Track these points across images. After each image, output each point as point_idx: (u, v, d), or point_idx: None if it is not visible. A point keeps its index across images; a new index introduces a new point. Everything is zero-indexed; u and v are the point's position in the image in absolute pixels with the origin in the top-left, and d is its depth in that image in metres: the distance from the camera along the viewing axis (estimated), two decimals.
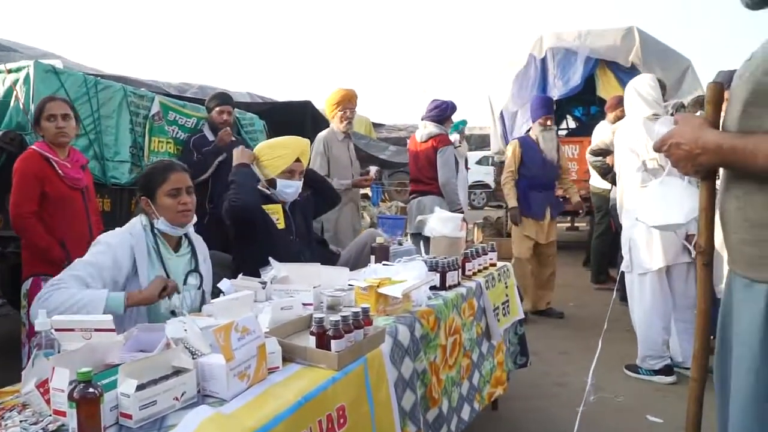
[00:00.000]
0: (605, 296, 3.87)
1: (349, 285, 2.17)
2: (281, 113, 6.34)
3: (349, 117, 4.61)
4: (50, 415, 1.26)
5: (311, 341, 1.62)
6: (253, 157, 3.03)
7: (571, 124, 10.97)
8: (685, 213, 2.78)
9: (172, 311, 2.11)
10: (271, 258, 2.35)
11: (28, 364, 1.45)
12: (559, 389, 3.61)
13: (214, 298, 2.04)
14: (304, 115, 6.65)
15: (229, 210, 2.81)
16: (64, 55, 5.82)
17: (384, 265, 2.52)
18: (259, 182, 3.03)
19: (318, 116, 6.75)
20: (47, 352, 1.44)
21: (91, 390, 1.16)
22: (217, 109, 4.33)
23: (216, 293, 2.21)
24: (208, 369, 1.37)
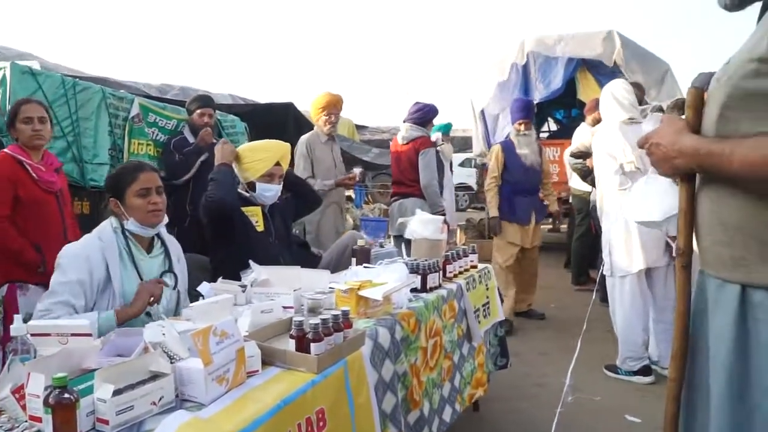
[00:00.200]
0: (586, 297, 3.91)
1: (329, 288, 2.17)
2: (263, 115, 6.33)
3: (333, 122, 4.64)
4: (26, 421, 1.25)
5: (291, 344, 1.62)
6: (235, 154, 3.03)
7: (552, 126, 11.08)
8: (663, 211, 2.82)
9: (147, 312, 2.10)
10: (251, 261, 2.35)
11: (3, 369, 1.43)
12: (539, 390, 3.64)
13: (194, 302, 2.04)
14: (287, 117, 6.64)
15: (206, 206, 2.81)
16: (41, 55, 5.75)
17: (365, 267, 2.53)
18: (239, 184, 3.02)
19: (300, 118, 6.74)
20: (23, 358, 1.43)
21: (66, 395, 1.15)
22: (198, 112, 4.31)
23: (196, 296, 2.20)
24: (186, 373, 1.36)
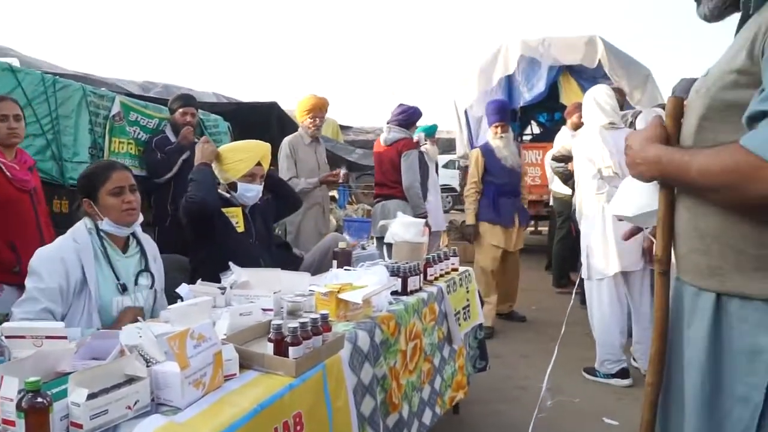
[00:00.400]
0: (567, 300, 3.94)
1: (310, 290, 2.17)
2: (247, 114, 6.29)
3: (318, 125, 4.66)
4: None
5: (269, 348, 1.61)
6: (216, 153, 3.01)
7: (536, 129, 11.15)
8: (636, 206, 2.85)
9: None
10: (231, 263, 2.34)
11: None
12: (520, 392, 3.66)
13: (172, 303, 2.02)
14: (270, 117, 6.60)
15: (186, 207, 2.78)
16: (20, 50, 5.67)
17: (345, 270, 2.53)
18: (220, 184, 3.01)
19: (284, 118, 6.71)
20: None
21: (39, 400, 1.14)
22: (180, 111, 4.28)
23: (175, 298, 2.18)
24: (162, 377, 1.35)
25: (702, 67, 1.35)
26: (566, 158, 5.25)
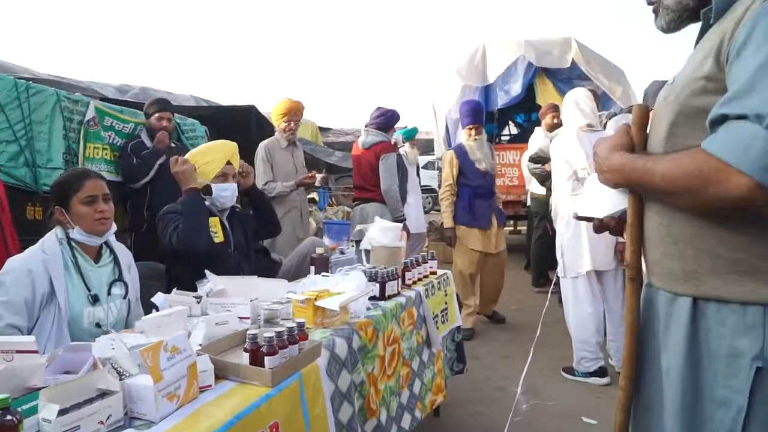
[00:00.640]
0: (546, 299, 4.00)
1: (286, 298, 2.16)
2: (225, 118, 6.25)
3: (293, 128, 4.65)
4: None
5: (245, 358, 1.61)
6: (194, 170, 2.92)
7: (513, 130, 11.22)
8: (605, 209, 2.89)
9: (97, 324, 2.05)
10: (207, 271, 2.32)
11: None
12: (500, 394, 3.68)
13: (149, 313, 2.00)
14: (249, 120, 6.56)
15: (176, 247, 2.72)
16: None
17: (323, 276, 2.52)
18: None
19: (263, 121, 6.68)
20: None
21: (8, 417, 1.12)
22: (156, 116, 4.24)
23: (151, 308, 2.16)
24: (135, 390, 1.34)
25: (673, 68, 1.38)
26: (543, 159, 5.31)
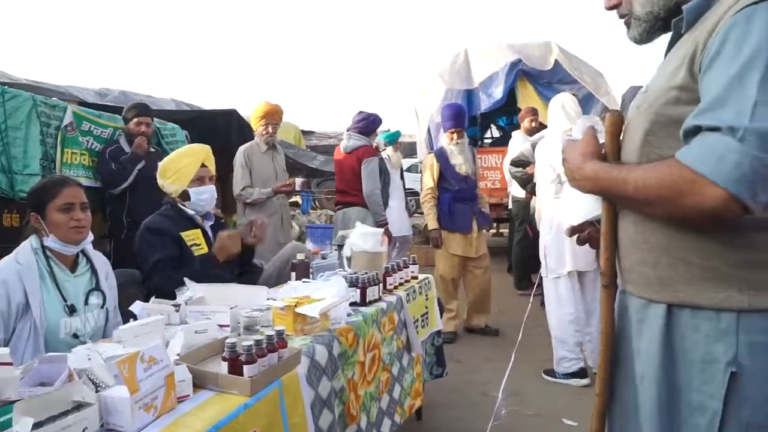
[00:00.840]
0: (528, 302, 4.03)
1: (266, 305, 2.15)
2: (206, 122, 6.21)
3: (271, 132, 4.64)
4: None
5: (224, 367, 1.60)
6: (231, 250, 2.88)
7: (496, 133, 11.28)
8: (582, 214, 2.93)
9: (74, 334, 2.03)
10: (186, 278, 2.30)
11: None
12: (481, 397, 3.69)
13: (128, 321, 1.98)
14: (230, 124, 6.52)
15: (161, 288, 2.61)
16: None
17: (303, 282, 2.52)
18: (170, 204, 2.92)
19: (244, 125, 6.64)
20: None
21: None
22: (134, 120, 4.20)
23: (129, 316, 2.14)
24: (111, 402, 1.33)
25: (650, 73, 1.40)
26: (524, 163, 5.34)
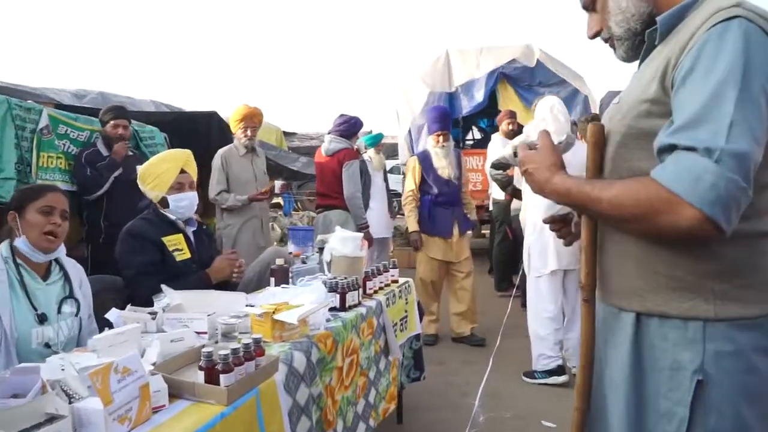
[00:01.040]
0: (509, 303, 4.07)
1: (244, 312, 2.14)
2: (186, 124, 6.15)
3: (250, 135, 4.60)
4: None
5: (200, 376, 1.59)
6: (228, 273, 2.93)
7: (477, 135, 11.34)
8: (544, 207, 2.97)
9: (46, 344, 2.00)
10: (163, 285, 2.29)
11: None
12: (462, 400, 3.71)
13: (105, 327, 1.96)
14: (210, 127, 6.47)
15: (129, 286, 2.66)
16: None
17: (282, 288, 2.51)
18: (151, 207, 2.89)
19: (225, 127, 6.58)
20: None
21: None
22: (111, 123, 4.16)
23: (104, 324, 2.12)
24: (84, 414, 1.31)
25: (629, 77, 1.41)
26: (505, 165, 5.36)
